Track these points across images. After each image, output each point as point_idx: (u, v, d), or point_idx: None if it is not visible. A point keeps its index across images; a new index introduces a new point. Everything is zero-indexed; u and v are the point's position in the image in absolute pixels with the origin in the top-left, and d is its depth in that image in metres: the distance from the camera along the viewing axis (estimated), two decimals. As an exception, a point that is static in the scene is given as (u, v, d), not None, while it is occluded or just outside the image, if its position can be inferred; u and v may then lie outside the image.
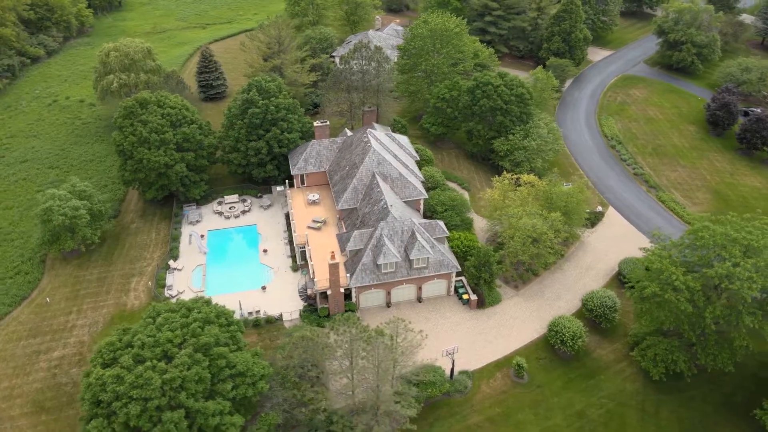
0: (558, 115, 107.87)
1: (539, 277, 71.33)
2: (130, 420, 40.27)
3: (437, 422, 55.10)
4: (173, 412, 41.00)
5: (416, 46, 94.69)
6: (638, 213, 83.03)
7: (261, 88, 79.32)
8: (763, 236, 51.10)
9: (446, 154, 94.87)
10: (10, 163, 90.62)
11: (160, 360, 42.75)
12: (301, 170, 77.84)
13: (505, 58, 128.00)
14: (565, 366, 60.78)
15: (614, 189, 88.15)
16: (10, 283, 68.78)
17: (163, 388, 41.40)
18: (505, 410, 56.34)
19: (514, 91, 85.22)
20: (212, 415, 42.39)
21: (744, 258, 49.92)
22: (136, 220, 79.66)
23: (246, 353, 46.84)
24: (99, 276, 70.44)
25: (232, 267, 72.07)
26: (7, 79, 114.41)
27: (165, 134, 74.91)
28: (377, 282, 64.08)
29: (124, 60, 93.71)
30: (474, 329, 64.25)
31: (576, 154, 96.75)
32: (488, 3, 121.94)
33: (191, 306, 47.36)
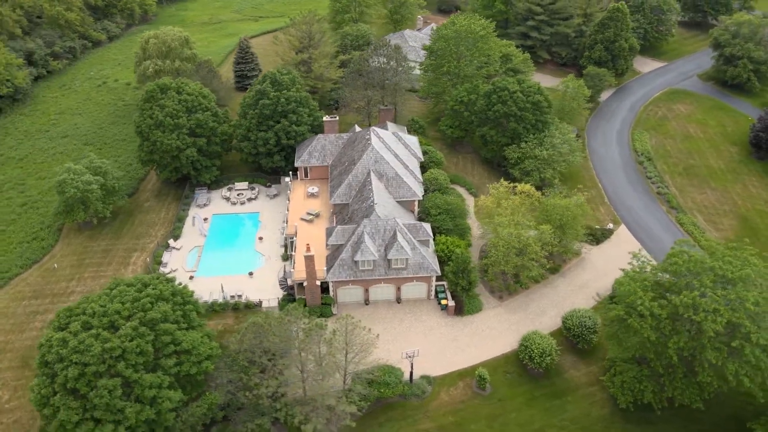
0: (590, 127, 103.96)
1: (528, 290, 69.42)
2: (68, 382, 43.11)
3: (388, 423, 55.07)
4: (110, 379, 43.46)
5: (440, 47, 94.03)
6: (652, 234, 78.91)
7: (275, 81, 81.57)
8: (741, 267, 47.52)
9: (462, 158, 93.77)
10: (52, 138, 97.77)
11: (106, 329, 45.38)
12: (304, 163, 79.48)
13: (547, 65, 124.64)
14: (533, 383, 59.00)
15: (631, 207, 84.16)
16: (26, 247, 74.53)
17: (103, 356, 43.97)
18: (459, 420, 55.49)
19: (530, 98, 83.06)
20: (149, 387, 44.55)
21: (714, 289, 46.63)
22: (151, 199, 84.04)
23: (195, 333, 48.78)
24: (105, 248, 75.01)
25: (228, 251, 74.67)
26: (67, 60, 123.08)
27: (179, 119, 78.55)
28: (354, 278, 64.61)
29: (162, 47, 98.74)
30: (447, 335, 63.52)
31: (598, 167, 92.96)
32: (532, 7, 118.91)
33: (148, 282, 49.85)
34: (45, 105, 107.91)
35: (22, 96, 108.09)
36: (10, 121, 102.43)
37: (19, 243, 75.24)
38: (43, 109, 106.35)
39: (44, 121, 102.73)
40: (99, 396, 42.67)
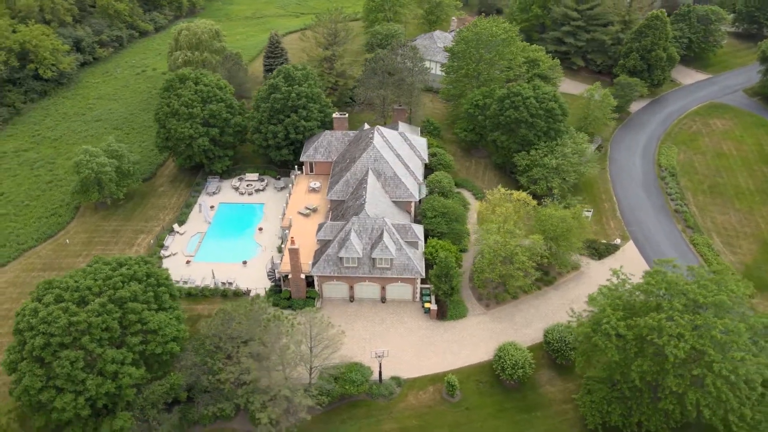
0: (615, 137, 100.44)
1: (517, 300, 68.05)
2: (34, 350, 45.74)
3: (350, 420, 55.40)
4: (73, 351, 45.82)
5: (461, 49, 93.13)
6: (660, 252, 75.52)
7: (288, 75, 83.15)
8: (716, 293, 44.94)
9: (475, 162, 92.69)
10: (87, 121, 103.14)
11: (76, 304, 47.83)
12: (309, 158, 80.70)
13: (581, 72, 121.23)
14: (504, 395, 57.89)
15: (644, 223, 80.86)
16: (44, 221, 79.17)
17: (69, 328, 46.38)
18: (422, 424, 55.18)
19: (543, 105, 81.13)
20: (111, 362, 46.67)
21: (684, 313, 44.33)
22: (165, 184, 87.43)
23: (164, 314, 50.63)
24: (115, 228, 78.68)
25: (228, 239, 76.80)
26: (113, 48, 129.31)
27: (194, 109, 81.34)
28: (339, 275, 65.18)
29: (192, 39, 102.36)
30: (425, 339, 63.16)
31: (616, 180, 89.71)
32: (569, 12, 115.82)
33: (124, 262, 52.12)
34: (86, 90, 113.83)
35: (67, 80, 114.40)
36: (53, 103, 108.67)
37: (39, 218, 79.96)
38: (84, 93, 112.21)
39: (83, 104, 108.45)
40: (61, 366, 45.10)
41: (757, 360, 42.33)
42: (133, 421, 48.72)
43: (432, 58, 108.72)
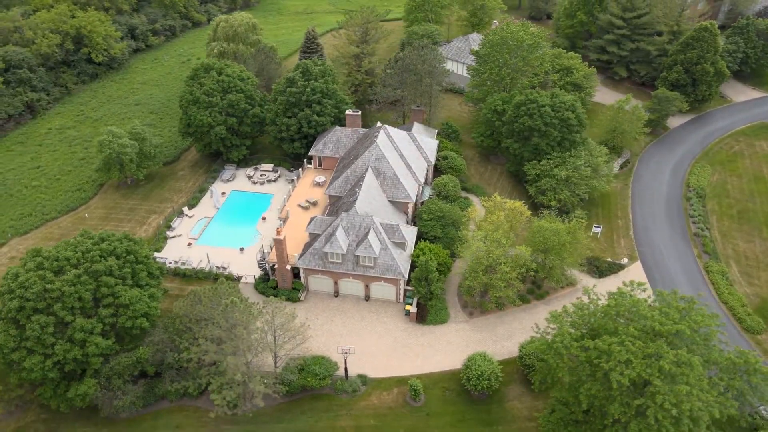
0: (646, 153, 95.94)
1: (503, 311, 66.56)
2: (10, 312, 49.25)
3: (310, 412, 56.12)
4: (44, 316, 48.99)
5: (485, 52, 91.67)
6: (667, 277, 71.77)
7: (306, 70, 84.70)
8: (677, 322, 42.31)
9: (491, 168, 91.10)
10: (127, 104, 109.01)
11: (54, 273, 51.04)
12: (318, 152, 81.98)
13: (624, 83, 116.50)
14: (469, 405, 56.88)
15: (657, 244, 76.92)
16: (69, 195, 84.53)
17: (43, 294, 49.60)
18: (378, 424, 55.14)
19: (559, 114, 78.66)
20: (80, 330, 49.54)
21: (638, 338, 42.02)
22: (186, 169, 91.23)
23: (137, 291, 53.11)
24: (131, 207, 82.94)
25: (233, 226, 79.24)
26: (165, 37, 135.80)
27: (214, 98, 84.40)
28: (324, 269, 65.99)
29: (229, 31, 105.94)
30: (401, 341, 62.95)
31: (637, 197, 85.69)
32: (614, 20, 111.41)
33: (106, 237, 55.03)
34: (133, 75, 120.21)
35: (118, 65, 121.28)
36: (101, 85, 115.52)
37: (66, 191, 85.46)
38: (131, 78, 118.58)
39: (127, 88, 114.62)
40: (32, 329, 48.36)
41: (707, 396, 39.57)
42: (98, 387, 51.50)
43: (464, 61, 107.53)
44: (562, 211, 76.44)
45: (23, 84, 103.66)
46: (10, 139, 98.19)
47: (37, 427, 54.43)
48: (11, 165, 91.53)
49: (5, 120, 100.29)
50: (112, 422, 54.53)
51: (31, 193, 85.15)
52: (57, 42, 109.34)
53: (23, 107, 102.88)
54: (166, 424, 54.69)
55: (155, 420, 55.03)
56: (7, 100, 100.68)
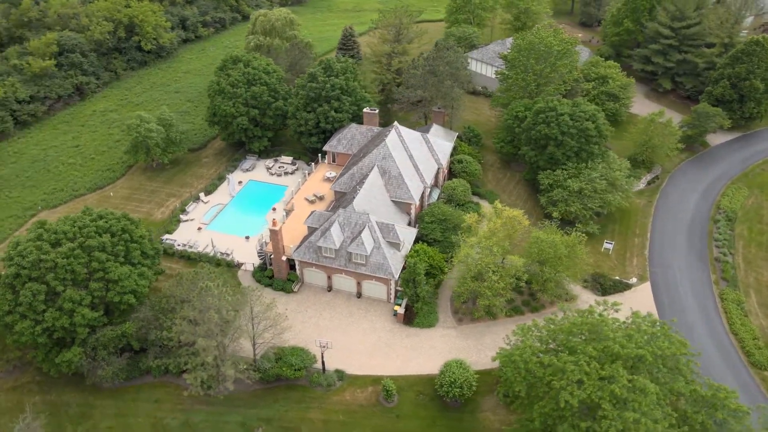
0: (679, 170, 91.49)
1: (493, 320, 65.29)
2: (7, 278, 52.81)
3: (283, 401, 57.09)
4: (37, 284, 52.21)
5: (513, 57, 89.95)
6: (676, 301, 68.33)
7: (328, 67, 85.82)
8: (641, 346, 40.26)
9: (509, 175, 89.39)
10: (168, 92, 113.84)
11: (51, 244, 54.27)
12: (332, 148, 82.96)
13: (668, 96, 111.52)
14: (441, 411, 56.25)
15: (672, 266, 73.27)
16: (99, 174, 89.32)
17: (38, 264, 52.86)
18: (347, 420, 55.45)
19: (578, 123, 76.19)
20: (69, 300, 52.52)
21: (595, 359, 40.31)
22: (210, 156, 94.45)
23: (127, 268, 55.65)
24: (154, 189, 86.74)
25: (244, 214, 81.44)
26: (214, 29, 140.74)
27: (238, 89, 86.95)
28: (317, 262, 66.85)
29: (266, 25, 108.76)
30: (384, 340, 62.95)
31: (660, 215, 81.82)
32: (661, 29, 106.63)
33: (104, 215, 57.91)
34: (180, 64, 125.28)
35: (166, 54, 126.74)
36: (148, 73, 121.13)
37: (97, 170, 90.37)
38: (176, 67, 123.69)
39: (171, 76, 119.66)
40: (25, 296, 51.68)
41: (656, 427, 37.43)
42: (83, 356, 54.40)
43: (498, 65, 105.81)
44: (573, 224, 74.11)
45: (75, 67, 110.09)
46: (58, 118, 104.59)
47: (31, 387, 58.07)
48: (54, 142, 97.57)
49: (55, 100, 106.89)
50: (98, 390, 57.46)
51: (66, 170, 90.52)
52: (109, 29, 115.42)
53: (73, 89, 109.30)
54: (147, 398, 57.09)
55: (137, 393, 57.54)
56: (59, 82, 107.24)
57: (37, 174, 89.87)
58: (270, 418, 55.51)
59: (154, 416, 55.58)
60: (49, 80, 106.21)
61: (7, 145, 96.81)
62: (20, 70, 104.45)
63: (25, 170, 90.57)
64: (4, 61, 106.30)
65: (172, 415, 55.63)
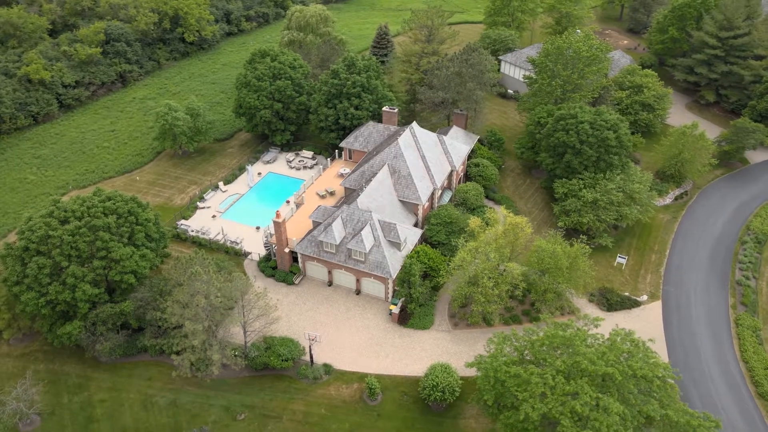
0: (712, 186, 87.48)
1: (489, 327, 64.23)
2: (17, 250, 55.90)
3: (268, 389, 58.04)
4: (44, 258, 55.05)
5: (540, 61, 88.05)
6: (686, 322, 65.34)
7: (351, 64, 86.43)
8: (611, 364, 38.74)
9: (530, 181, 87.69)
10: (205, 82, 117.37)
11: (60, 222, 57.06)
12: (349, 145, 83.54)
13: (711, 108, 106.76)
14: (422, 414, 55.85)
15: (687, 286, 70.12)
16: (129, 159, 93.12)
17: (46, 240, 55.70)
18: (327, 414, 55.85)
19: (598, 132, 73.86)
20: (71, 275, 55.13)
21: (558, 374, 39.07)
22: (235, 147, 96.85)
23: (130, 249, 57.84)
24: (177, 175, 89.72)
25: (259, 205, 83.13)
26: (257, 23, 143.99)
27: (263, 82, 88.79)
28: (318, 257, 67.56)
29: (301, 21, 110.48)
30: (376, 338, 63.02)
31: (683, 233, 78.38)
32: (707, 39, 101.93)
33: (112, 197, 60.35)
34: (220, 56, 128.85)
35: (208, 46, 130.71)
36: (188, 63, 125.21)
37: (128, 155, 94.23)
38: (216, 59, 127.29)
39: (210, 68, 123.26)
40: (31, 268, 54.60)
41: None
42: (82, 330, 57.00)
43: (530, 69, 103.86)
44: (587, 235, 72.06)
45: (119, 56, 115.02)
46: (99, 103, 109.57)
47: (38, 355, 61.30)
48: (93, 126, 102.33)
49: (99, 86, 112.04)
50: (97, 364, 60.07)
51: (100, 153, 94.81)
52: (154, 20, 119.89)
53: (116, 76, 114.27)
54: (141, 375, 59.26)
55: (133, 369, 59.81)
56: (104, 69, 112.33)
57: (73, 155, 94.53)
58: (254, 405, 56.57)
59: (145, 393, 57.61)
60: (95, 67, 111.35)
61: (51, 127, 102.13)
62: (69, 57, 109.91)
63: (62, 151, 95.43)
64: (56, 47, 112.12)
65: (161, 394, 57.51)
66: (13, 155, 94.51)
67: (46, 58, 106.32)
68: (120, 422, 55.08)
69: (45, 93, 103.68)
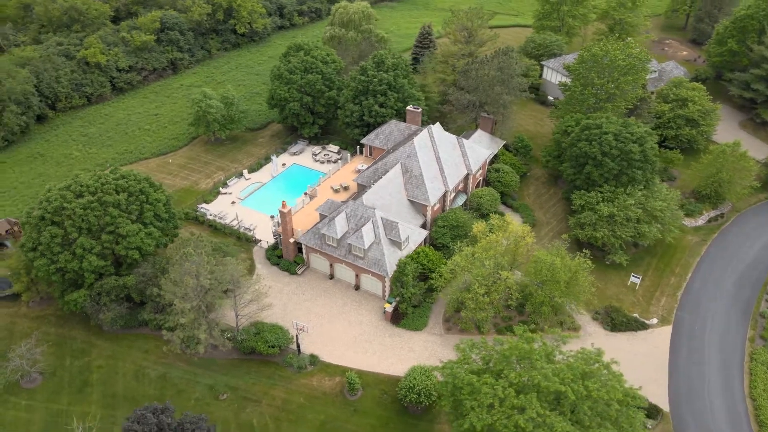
0: (752, 210, 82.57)
1: (483, 334, 62.93)
2: (35, 219, 59.77)
3: (253, 374, 59.39)
4: (57, 228, 58.68)
5: (575, 69, 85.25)
6: (695, 351, 61.75)
7: (380, 62, 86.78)
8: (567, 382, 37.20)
9: (553, 191, 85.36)
10: (249, 73, 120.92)
11: (76, 196, 60.55)
12: (370, 142, 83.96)
13: (767, 127, 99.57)
14: (398, 414, 55.60)
15: (704, 313, 66.20)
16: (166, 142, 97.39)
17: (60, 212, 59.30)
18: (305, 403, 56.55)
19: (621, 144, 70.82)
20: (80, 246, 58.49)
21: (510, 387, 37.85)
22: (267, 137, 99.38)
23: (137, 226, 60.63)
24: (207, 161, 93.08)
25: (278, 195, 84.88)
26: (309, 18, 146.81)
27: (294, 75, 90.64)
28: (321, 249, 68.42)
29: (344, 17, 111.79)
30: (366, 335, 63.20)
31: (710, 257, 74.11)
32: (765, 53, 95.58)
33: (126, 175, 63.39)
34: (268, 49, 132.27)
35: (259, 38, 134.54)
36: (238, 54, 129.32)
37: (165, 138, 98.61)
38: (264, 51, 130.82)
39: (257, 60, 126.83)
40: (44, 237, 58.34)
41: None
42: (87, 299, 60.36)
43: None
44: (602, 251, 69.40)
45: (172, 44, 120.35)
46: (149, 88, 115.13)
47: (51, 319, 65.41)
48: (139, 109, 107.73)
49: (150, 72, 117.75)
50: (100, 332, 63.43)
51: (141, 135, 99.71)
52: (207, 11, 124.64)
53: (167, 63, 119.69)
54: (139, 347, 62.10)
55: (132, 341, 62.77)
56: (156, 56, 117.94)
57: (116, 135, 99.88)
58: (237, 387, 58.08)
59: (139, 364, 60.33)
60: (148, 53, 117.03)
61: (102, 108, 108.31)
62: (126, 42, 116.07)
63: (108, 131, 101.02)
64: (116, 33, 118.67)
65: (154, 367, 60.05)
66: (64, 132, 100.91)
67: (104, 43, 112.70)
68: (111, 389, 57.95)
69: (100, 75, 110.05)
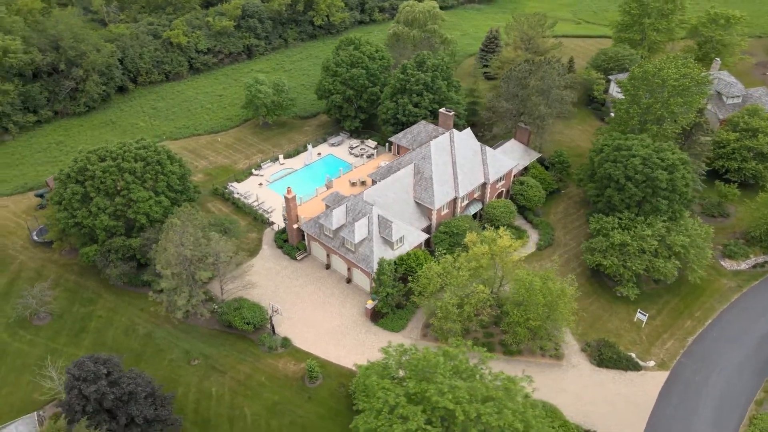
0: (809, 262, 72.54)
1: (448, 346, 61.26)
2: (63, 176, 66.30)
3: (228, 346, 62.09)
4: (78, 186, 64.87)
5: (625, 85, 79.77)
6: (689, 405, 56.14)
7: (422, 62, 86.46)
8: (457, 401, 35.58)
9: (584, 211, 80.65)
10: (315, 65, 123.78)
11: (100, 159, 66.48)
12: (397, 140, 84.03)
13: None
14: (348, 408, 55.45)
15: (713, 365, 60.23)
16: (220, 122, 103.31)
17: (84, 172, 65.44)
18: (261, 383, 58.27)
19: (648, 170, 65.60)
20: (95, 205, 64.33)
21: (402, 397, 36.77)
22: (313, 126, 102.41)
23: (148, 193, 65.53)
24: (252, 143, 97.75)
25: (307, 182, 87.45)
26: (390, 15, 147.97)
27: (340, 68, 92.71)
28: (319, 238, 69.90)
29: (409, 15, 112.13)
30: (343, 328, 63.84)
31: (741, 304, 67.25)
32: None
33: (147, 146, 68.41)
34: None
35: (336, 31, 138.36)
36: (313, 45, 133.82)
37: (220, 118, 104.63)
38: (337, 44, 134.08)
39: (327, 52, 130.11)
40: (66, 192, 64.84)
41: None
42: (98, 254, 66.24)
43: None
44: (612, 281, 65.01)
45: (250, 31, 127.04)
46: (222, 71, 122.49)
47: (74, 268, 72.28)
48: (207, 89, 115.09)
49: (226, 55, 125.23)
50: (108, 286, 69.25)
51: (200, 113, 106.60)
52: (288, 2, 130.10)
53: (243, 48, 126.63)
54: (136, 305, 67.09)
55: (134, 299, 67.94)
56: (234, 41, 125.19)
57: (180, 111, 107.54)
58: (209, 355, 61.10)
59: (132, 320, 65.27)
60: (227, 38, 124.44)
61: (176, 85, 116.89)
62: (209, 26, 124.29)
63: (174, 106, 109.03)
64: (203, 17, 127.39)
65: (144, 325, 64.70)
66: (138, 104, 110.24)
67: (189, 26, 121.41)
68: (102, 338, 63.25)
69: (179, 55, 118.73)
